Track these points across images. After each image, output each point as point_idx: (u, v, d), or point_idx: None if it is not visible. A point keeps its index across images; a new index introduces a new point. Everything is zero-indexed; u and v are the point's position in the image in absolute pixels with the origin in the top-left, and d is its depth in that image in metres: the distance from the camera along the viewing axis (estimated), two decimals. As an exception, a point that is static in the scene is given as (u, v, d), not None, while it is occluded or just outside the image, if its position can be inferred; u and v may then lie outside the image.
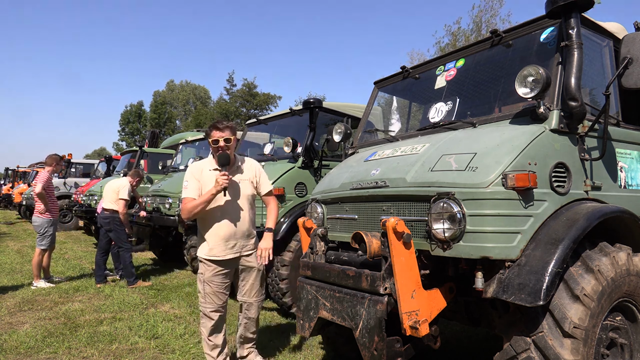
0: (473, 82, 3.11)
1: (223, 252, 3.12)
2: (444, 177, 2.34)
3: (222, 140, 3.05)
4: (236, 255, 3.17)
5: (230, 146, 3.10)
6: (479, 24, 19.68)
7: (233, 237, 3.13)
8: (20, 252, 9.92)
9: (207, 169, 3.18)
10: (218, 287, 3.16)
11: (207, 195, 3.01)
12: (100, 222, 6.70)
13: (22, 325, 4.58)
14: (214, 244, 3.11)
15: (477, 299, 2.40)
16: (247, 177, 3.25)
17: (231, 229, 3.12)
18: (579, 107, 2.42)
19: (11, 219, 19.44)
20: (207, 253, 3.13)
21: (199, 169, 3.18)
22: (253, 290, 3.28)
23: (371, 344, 2.27)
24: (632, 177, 2.94)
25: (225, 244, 3.11)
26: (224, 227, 3.11)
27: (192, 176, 3.14)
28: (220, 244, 3.11)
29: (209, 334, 3.17)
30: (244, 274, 3.26)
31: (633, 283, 2.35)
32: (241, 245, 3.18)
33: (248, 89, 33.92)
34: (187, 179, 3.15)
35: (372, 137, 3.80)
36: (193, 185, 3.10)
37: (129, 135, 48.98)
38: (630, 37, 2.69)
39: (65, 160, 14.93)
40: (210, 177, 3.11)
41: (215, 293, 3.15)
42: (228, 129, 3.08)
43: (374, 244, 2.31)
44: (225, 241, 3.11)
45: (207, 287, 3.16)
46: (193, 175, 3.15)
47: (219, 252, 3.12)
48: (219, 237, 3.10)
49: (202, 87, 54.66)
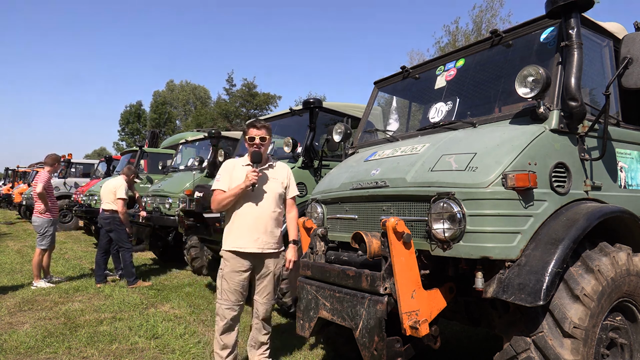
0: (473, 82, 3.11)
1: (247, 244, 3.17)
2: (444, 177, 2.34)
3: (258, 138, 3.19)
4: (259, 250, 3.20)
5: (265, 145, 3.25)
6: (479, 24, 19.70)
7: (257, 231, 3.19)
8: (20, 252, 9.92)
9: (239, 165, 3.32)
10: (235, 285, 3.18)
11: (237, 188, 3.12)
12: (100, 222, 6.71)
13: (22, 325, 4.58)
14: (239, 235, 3.18)
15: (477, 299, 2.40)
16: (278, 178, 3.34)
17: (256, 222, 3.19)
18: (579, 107, 2.42)
19: (11, 219, 19.44)
20: (231, 244, 3.20)
21: (232, 164, 3.33)
22: (265, 292, 3.31)
23: (371, 344, 2.27)
24: (632, 177, 2.95)
25: (249, 236, 3.17)
26: (250, 220, 3.19)
27: (225, 170, 3.30)
28: (245, 236, 3.17)
29: (220, 332, 3.19)
30: (261, 276, 3.30)
31: (633, 283, 2.35)
32: (265, 241, 3.21)
33: (248, 89, 33.91)
34: (220, 172, 3.31)
35: (372, 137, 3.80)
36: (225, 178, 3.25)
37: (129, 135, 48.95)
38: (630, 37, 2.69)
39: (65, 160, 14.93)
40: (241, 173, 3.22)
41: (232, 290, 3.18)
42: (264, 129, 3.23)
43: (374, 244, 2.31)
44: (249, 233, 3.17)
45: (224, 283, 3.20)
46: (225, 169, 3.30)
47: (243, 244, 3.17)
48: (244, 229, 3.18)
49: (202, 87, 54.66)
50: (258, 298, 3.32)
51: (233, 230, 3.21)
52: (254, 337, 3.37)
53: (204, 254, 6.77)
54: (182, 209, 5.94)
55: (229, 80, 34.63)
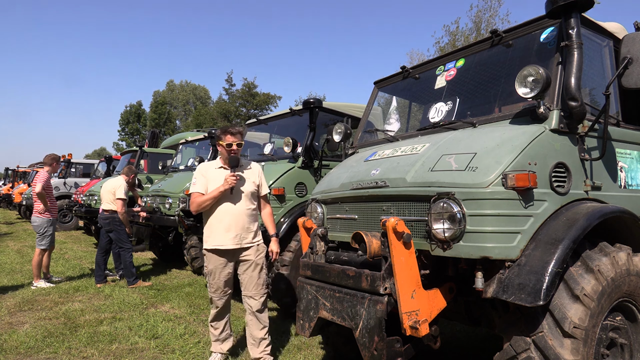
0: (473, 82, 3.10)
1: (224, 241, 3.38)
2: (444, 177, 2.34)
3: (235, 145, 3.40)
4: (237, 246, 3.40)
5: (240, 149, 3.46)
6: (479, 23, 19.68)
7: (234, 228, 3.38)
8: (20, 252, 9.92)
9: (212, 168, 3.53)
10: (221, 279, 3.45)
11: (216, 191, 3.34)
12: (100, 222, 6.72)
13: (22, 325, 4.58)
14: (216, 234, 3.40)
15: (477, 299, 2.40)
16: (251, 177, 3.55)
17: (232, 220, 3.39)
18: (579, 107, 2.42)
19: (11, 219, 19.43)
20: (212, 243, 3.41)
21: (206, 168, 3.55)
22: (252, 283, 3.47)
23: (371, 344, 2.27)
24: (632, 177, 2.94)
25: (226, 234, 3.37)
26: (226, 219, 3.38)
27: (200, 174, 3.51)
28: (222, 234, 3.38)
29: (212, 319, 3.56)
30: (243, 268, 3.49)
31: (633, 283, 2.34)
32: (241, 236, 3.42)
33: (248, 89, 33.85)
34: (195, 176, 3.52)
35: (372, 137, 3.80)
36: (201, 181, 3.46)
37: (129, 135, 48.92)
38: (630, 37, 2.69)
39: (65, 160, 14.92)
40: (215, 175, 3.46)
41: (218, 283, 3.46)
42: (239, 134, 3.45)
43: (374, 244, 2.31)
44: (226, 231, 3.37)
45: (210, 278, 3.48)
46: (201, 173, 3.51)
47: (220, 242, 3.38)
48: (221, 227, 3.38)
49: (202, 87, 54.71)
50: (246, 292, 3.49)
51: (212, 229, 3.41)
52: (251, 334, 3.51)
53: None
54: (182, 209, 5.94)
55: (229, 80, 34.59)
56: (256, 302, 3.45)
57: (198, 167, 3.58)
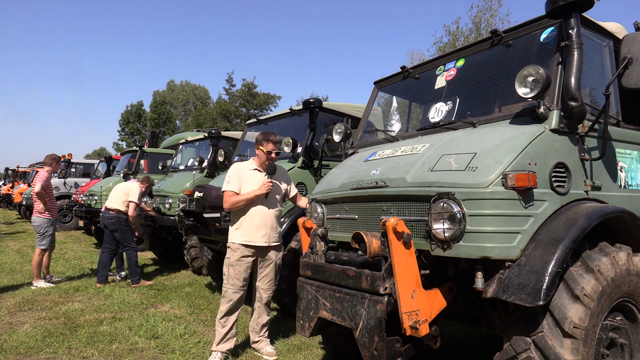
0: (473, 82, 3.10)
1: (256, 238, 3.67)
2: (444, 177, 2.34)
3: (274, 153, 3.69)
4: (266, 244, 3.71)
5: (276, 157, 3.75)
6: (478, 23, 19.68)
7: (263, 227, 3.69)
8: (20, 252, 9.92)
9: (246, 169, 3.77)
10: (240, 271, 3.66)
11: (252, 194, 3.61)
12: (104, 222, 6.62)
13: (22, 325, 4.58)
14: (247, 231, 3.66)
15: (477, 299, 2.39)
16: (281, 182, 3.88)
17: (262, 220, 3.68)
18: (579, 107, 2.42)
19: (11, 219, 19.43)
20: (241, 238, 3.67)
21: (240, 168, 3.78)
22: (267, 280, 3.82)
23: (371, 344, 2.27)
24: (632, 177, 2.94)
25: (257, 232, 3.67)
26: (257, 218, 3.67)
27: (234, 173, 3.72)
28: (253, 232, 3.66)
29: (223, 314, 3.63)
30: (264, 264, 3.80)
31: (633, 283, 2.34)
32: (269, 235, 3.73)
33: (248, 89, 33.84)
34: (230, 175, 3.72)
35: (372, 137, 3.80)
36: (235, 181, 3.68)
37: (129, 135, 48.87)
38: (630, 37, 2.69)
39: (65, 160, 14.92)
40: (249, 176, 3.71)
41: (237, 276, 3.65)
42: (279, 143, 3.74)
43: (374, 244, 2.31)
44: (257, 230, 3.67)
45: (231, 269, 3.67)
46: (235, 173, 3.72)
47: (251, 238, 3.67)
48: (252, 226, 3.66)
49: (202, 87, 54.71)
50: (261, 284, 3.81)
51: (243, 226, 3.67)
52: (255, 319, 3.84)
53: (204, 254, 6.77)
54: (182, 209, 5.94)
55: (229, 80, 34.58)
56: (268, 295, 3.82)
57: (232, 167, 3.81)
